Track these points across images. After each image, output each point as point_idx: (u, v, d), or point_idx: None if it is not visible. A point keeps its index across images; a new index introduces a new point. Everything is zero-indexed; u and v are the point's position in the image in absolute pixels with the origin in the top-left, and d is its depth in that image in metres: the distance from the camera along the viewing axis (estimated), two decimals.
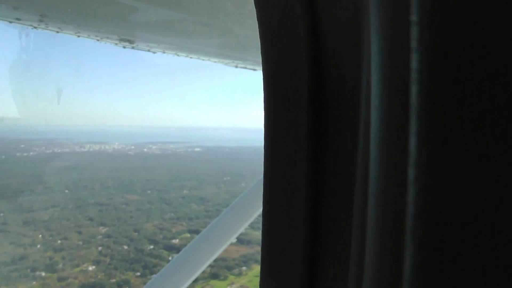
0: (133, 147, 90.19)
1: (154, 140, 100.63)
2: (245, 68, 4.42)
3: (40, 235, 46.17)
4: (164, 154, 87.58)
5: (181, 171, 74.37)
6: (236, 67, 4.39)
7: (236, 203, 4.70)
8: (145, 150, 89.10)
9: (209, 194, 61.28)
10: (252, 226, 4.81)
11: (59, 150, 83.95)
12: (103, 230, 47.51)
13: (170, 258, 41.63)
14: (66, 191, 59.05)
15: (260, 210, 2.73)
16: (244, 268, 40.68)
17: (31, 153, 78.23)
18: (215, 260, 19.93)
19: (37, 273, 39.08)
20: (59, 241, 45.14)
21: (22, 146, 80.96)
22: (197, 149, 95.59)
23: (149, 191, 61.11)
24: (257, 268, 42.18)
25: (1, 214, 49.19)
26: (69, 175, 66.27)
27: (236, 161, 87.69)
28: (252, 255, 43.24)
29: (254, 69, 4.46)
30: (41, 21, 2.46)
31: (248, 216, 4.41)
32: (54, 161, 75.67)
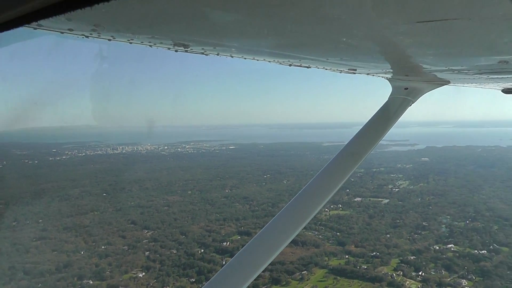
0: (166, 147, 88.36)
1: (187, 139, 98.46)
2: (300, 66, 4.53)
3: (83, 241, 43.96)
4: (198, 153, 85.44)
5: (219, 169, 71.58)
6: (290, 65, 4.49)
7: (291, 203, 5.19)
8: (179, 149, 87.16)
9: (252, 193, 58.44)
10: (304, 227, 4.92)
11: (91, 153, 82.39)
12: (148, 233, 44.83)
13: (223, 262, 38.84)
14: (104, 194, 56.94)
15: (317, 210, 5.15)
16: (305, 272, 38.03)
17: (64, 157, 76.70)
18: (273, 264, 15.44)
19: (85, 281, 36.58)
20: (103, 247, 42.55)
21: (54, 150, 79.63)
22: (232, 147, 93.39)
23: (189, 192, 58.70)
24: (319, 272, 39.07)
25: (40, 220, 47.21)
26: (105, 178, 64.23)
27: (272, 157, 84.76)
28: (310, 258, 40.12)
29: (308, 67, 4.67)
30: (94, 30, 2.49)
31: (306, 215, 5.09)
32: (88, 164, 73.83)
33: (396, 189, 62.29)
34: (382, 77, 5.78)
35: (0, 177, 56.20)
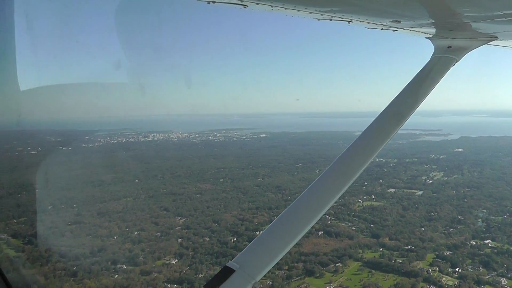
0: (197, 135, 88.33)
1: (218, 127, 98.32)
2: (341, 19, 4.34)
3: (116, 226, 44.18)
4: (230, 141, 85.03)
5: (250, 158, 71.00)
6: (331, 19, 4.31)
7: (335, 163, 5.18)
8: (210, 137, 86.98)
9: (284, 182, 57.68)
10: (337, 217, 19.38)
11: (123, 140, 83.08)
12: (180, 221, 44.56)
13: None
14: (136, 180, 57.17)
15: (360, 171, 4.99)
16: (339, 264, 36.90)
17: (96, 144, 77.58)
18: (306, 255, 37.23)
19: (118, 265, 36.64)
20: (136, 233, 42.63)
21: (87, 137, 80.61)
22: (263, 135, 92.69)
23: (221, 180, 58.21)
24: (353, 265, 37.95)
25: (75, 205, 47.72)
26: (137, 165, 64.51)
27: (304, 147, 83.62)
28: (344, 250, 39.14)
29: (350, 20, 4.49)
30: None
31: (349, 175, 4.94)
32: (120, 151, 74.51)
33: (430, 181, 60.66)
34: (425, 34, 5.68)
35: (36, 163, 57.02)
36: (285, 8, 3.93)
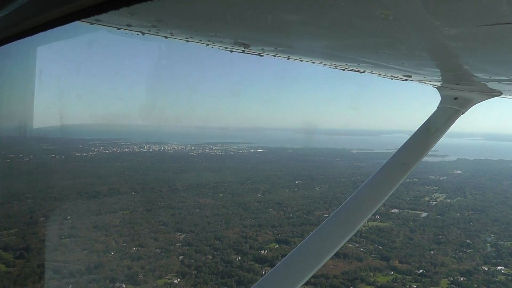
0: (193, 147, 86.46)
1: (214, 140, 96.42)
2: (355, 70, 4.54)
3: (113, 241, 42.10)
4: (227, 155, 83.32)
5: (249, 173, 69.26)
6: (344, 69, 4.41)
7: (337, 212, 5.26)
8: (207, 150, 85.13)
9: (285, 198, 56.15)
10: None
11: (118, 150, 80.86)
12: (180, 237, 42.64)
13: (263, 272, 36.51)
14: (133, 193, 55.20)
15: (364, 220, 5.51)
16: None
17: (90, 153, 75.27)
18: (316, 276, 33.87)
19: (117, 284, 34.66)
20: (134, 248, 40.62)
21: (80, 146, 78.40)
22: (260, 150, 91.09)
23: (221, 194, 56.33)
24: None
25: (69, 217, 45.60)
26: (133, 176, 62.48)
27: (302, 163, 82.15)
28: (355, 273, 37.58)
29: (363, 71, 4.70)
30: (154, 26, 2.42)
31: (352, 225, 5.06)
32: (115, 161, 72.36)
33: (434, 202, 59.97)
34: (433, 85, 5.77)
35: (28, 171, 54.99)
36: (301, 60, 4.09)
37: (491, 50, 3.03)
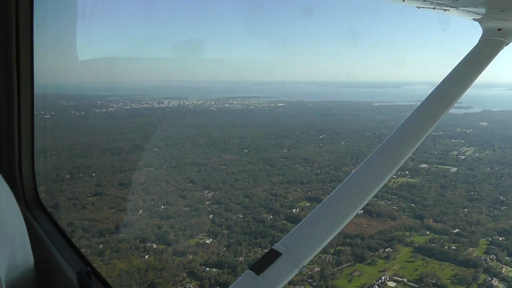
0: (213, 102, 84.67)
1: (234, 95, 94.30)
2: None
3: (141, 199, 41.57)
4: (247, 109, 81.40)
5: (271, 127, 67.47)
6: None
7: (377, 151, 4.99)
8: (227, 105, 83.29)
9: (311, 154, 54.73)
10: (376, 195, 4.52)
11: (137, 106, 79.56)
12: (209, 194, 41.45)
13: None
14: (156, 149, 54.35)
15: (406, 157, 4.66)
16: (389, 249, 33.82)
17: (110, 109, 74.11)
18: (351, 237, 36.58)
19: (148, 244, 34.35)
20: (162, 207, 40.27)
21: (99, 102, 77.20)
22: (280, 104, 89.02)
23: (246, 150, 55.00)
24: (405, 251, 34.64)
25: (94, 175, 44.99)
26: (154, 132, 61.38)
27: (325, 116, 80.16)
28: (390, 232, 36.73)
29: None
30: None
31: (394, 163, 4.65)
32: (135, 117, 71.21)
33: (462, 156, 58.08)
34: (475, 15, 5.49)
35: (50, 127, 53.90)
36: None
37: None
